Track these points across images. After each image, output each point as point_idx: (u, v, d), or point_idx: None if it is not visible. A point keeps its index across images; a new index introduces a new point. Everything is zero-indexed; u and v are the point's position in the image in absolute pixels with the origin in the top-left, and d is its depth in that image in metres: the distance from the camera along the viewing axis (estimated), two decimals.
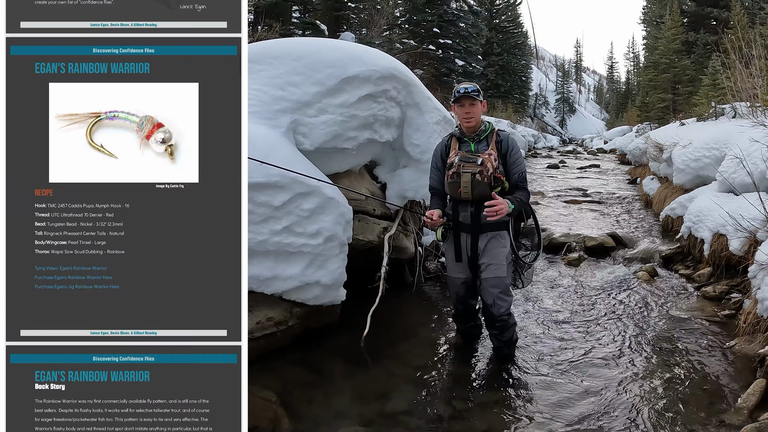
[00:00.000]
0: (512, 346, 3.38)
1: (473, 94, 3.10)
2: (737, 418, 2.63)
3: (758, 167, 4.51)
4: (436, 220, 3.14)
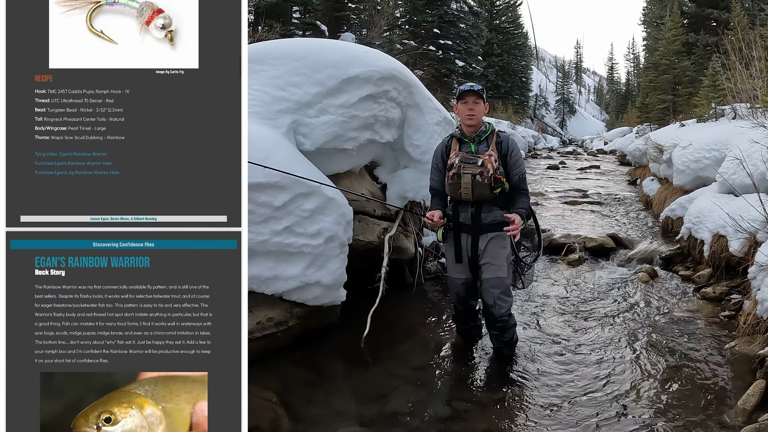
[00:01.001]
0: (512, 346, 3.38)
1: (478, 92, 3.12)
2: (737, 418, 2.64)
3: (758, 168, 4.51)
4: (436, 221, 3.14)
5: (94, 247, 1.68)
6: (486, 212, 3.13)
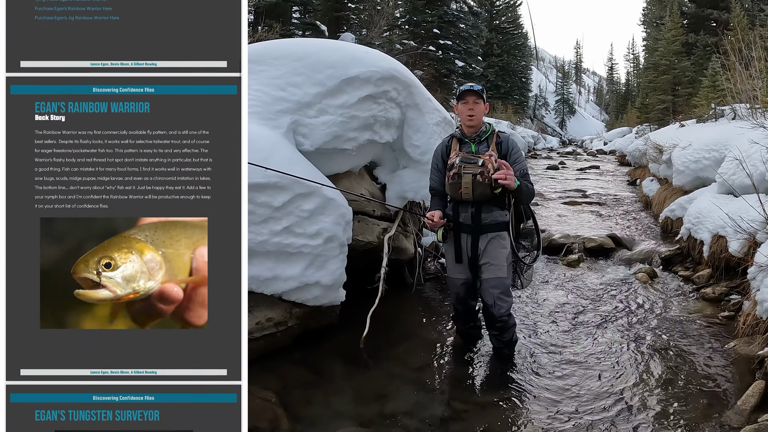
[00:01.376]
0: (512, 346, 3.38)
1: (478, 92, 3.13)
2: (736, 419, 2.64)
3: (758, 169, 4.51)
4: (436, 221, 3.14)
5: (94, 93, 1.67)
6: (486, 212, 3.13)
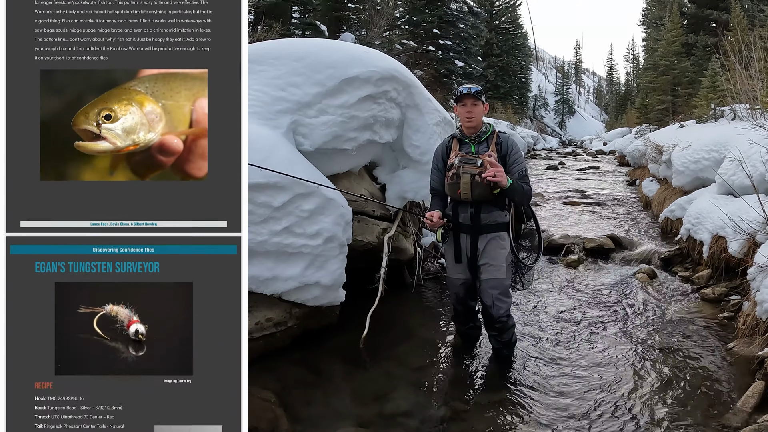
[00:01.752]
0: (511, 347, 3.38)
1: (476, 94, 3.11)
2: (736, 419, 2.64)
3: (757, 169, 4.51)
4: (435, 222, 3.14)
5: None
6: (485, 213, 3.13)
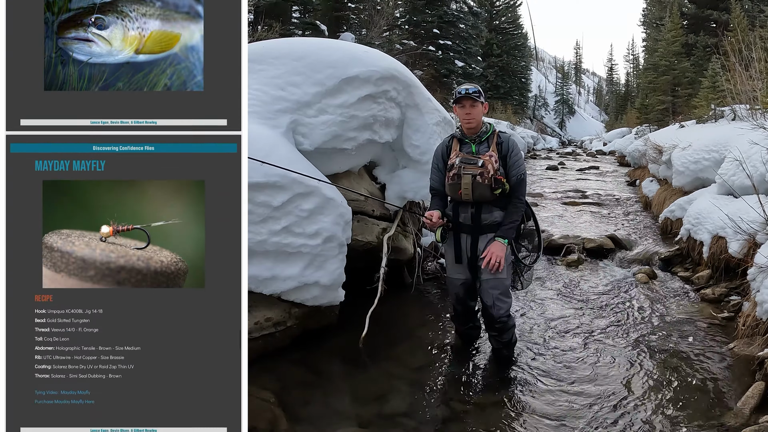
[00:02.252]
0: (511, 347, 3.38)
1: (474, 95, 3.10)
2: (736, 420, 2.63)
3: (758, 170, 4.51)
4: (435, 222, 3.13)
5: None
6: (486, 213, 3.13)
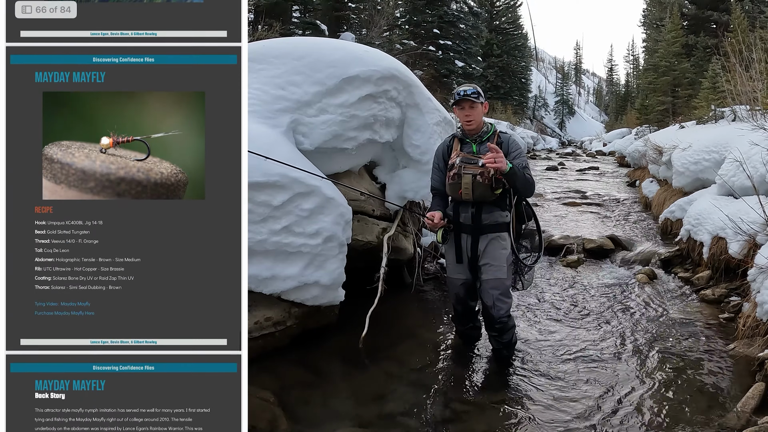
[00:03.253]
0: (511, 348, 3.37)
1: (472, 97, 3.09)
2: (736, 421, 2.63)
3: (758, 171, 4.51)
4: (437, 222, 3.13)
5: None
6: (486, 213, 3.12)
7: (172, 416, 1.68)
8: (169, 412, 1.68)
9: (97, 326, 1.67)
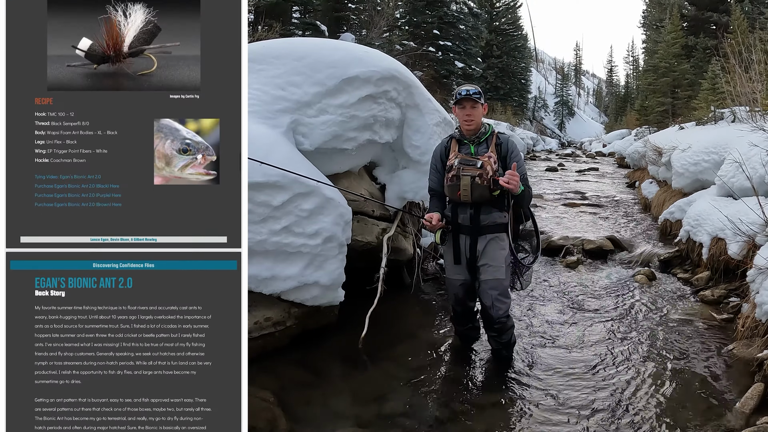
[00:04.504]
0: (510, 348, 3.37)
1: (474, 96, 3.10)
2: (735, 422, 2.63)
3: (757, 171, 4.51)
4: (435, 224, 3.13)
5: None
6: (485, 214, 3.13)
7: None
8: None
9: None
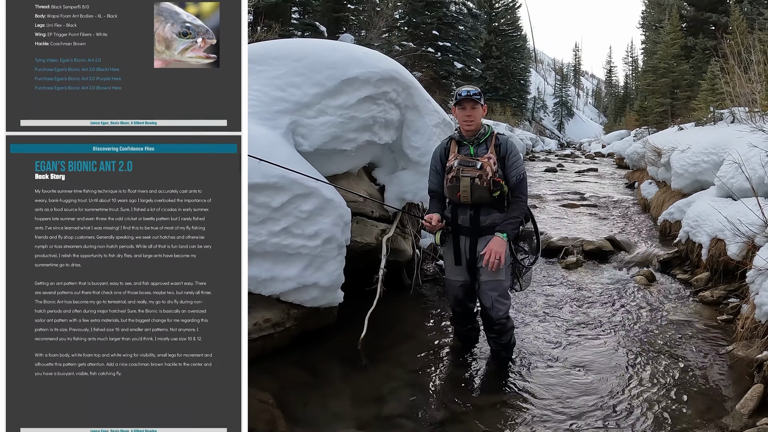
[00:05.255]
0: (510, 349, 3.37)
1: (475, 97, 3.10)
2: (735, 422, 2.63)
3: (756, 172, 4.51)
4: (435, 225, 3.13)
5: None
6: (485, 215, 3.13)
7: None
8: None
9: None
